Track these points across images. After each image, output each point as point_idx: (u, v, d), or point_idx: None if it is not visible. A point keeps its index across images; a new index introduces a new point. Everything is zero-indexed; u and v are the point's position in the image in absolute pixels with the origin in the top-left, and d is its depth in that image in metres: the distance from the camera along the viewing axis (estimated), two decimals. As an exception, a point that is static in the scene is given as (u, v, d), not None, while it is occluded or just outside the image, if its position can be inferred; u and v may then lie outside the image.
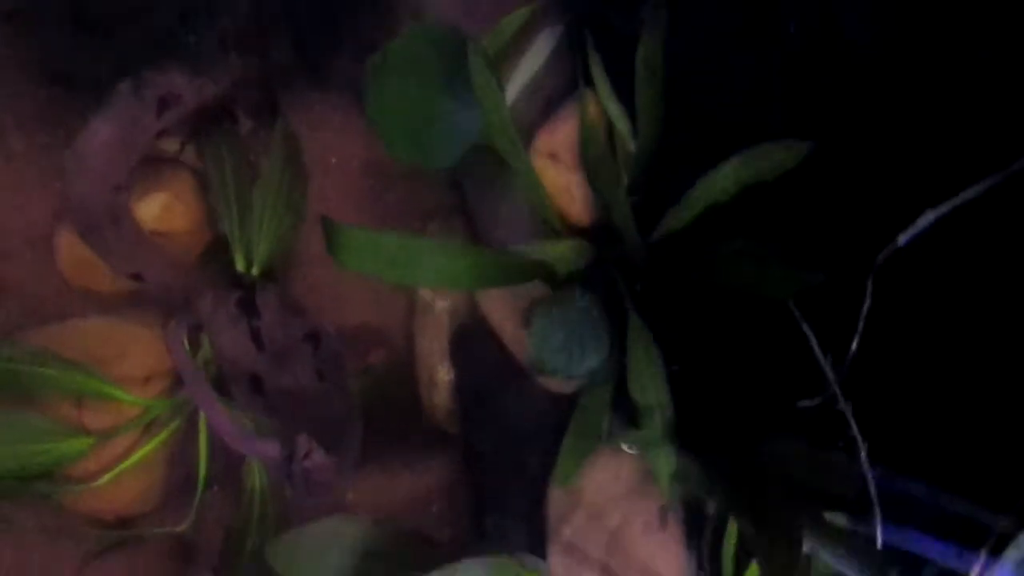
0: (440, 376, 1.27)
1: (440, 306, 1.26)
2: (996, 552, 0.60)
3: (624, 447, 1.07)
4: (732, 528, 0.91)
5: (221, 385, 1.04)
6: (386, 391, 1.25)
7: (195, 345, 1.06)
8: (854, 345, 0.75)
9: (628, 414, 1.04)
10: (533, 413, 1.21)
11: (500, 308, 1.16)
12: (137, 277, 1.02)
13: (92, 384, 1.03)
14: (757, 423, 0.82)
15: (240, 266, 1.07)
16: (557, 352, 1.04)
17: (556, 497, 1.09)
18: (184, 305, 0.99)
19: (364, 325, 1.27)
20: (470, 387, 1.26)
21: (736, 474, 0.79)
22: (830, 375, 0.77)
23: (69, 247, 1.13)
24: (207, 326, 0.99)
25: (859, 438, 0.72)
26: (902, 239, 0.73)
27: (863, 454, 0.72)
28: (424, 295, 1.27)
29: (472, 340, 1.25)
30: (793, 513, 0.69)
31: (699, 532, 1.00)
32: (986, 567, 0.60)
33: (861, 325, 0.74)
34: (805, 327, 0.80)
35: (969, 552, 0.62)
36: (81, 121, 1.01)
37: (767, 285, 0.84)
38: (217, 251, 1.15)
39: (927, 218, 0.72)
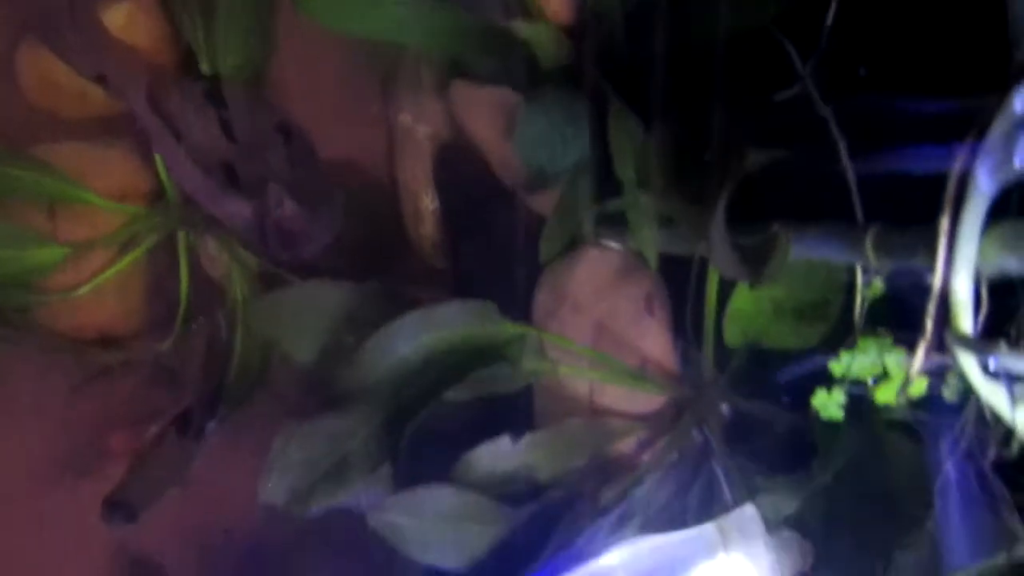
0: (424, 204, 1.25)
1: (421, 131, 1.24)
2: (980, 136, 0.57)
3: (608, 243, 1.05)
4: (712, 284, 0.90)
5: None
6: (369, 219, 1.23)
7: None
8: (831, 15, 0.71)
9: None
10: (521, 234, 1.19)
11: (484, 120, 1.13)
12: (101, 80, 0.99)
13: (66, 189, 1.00)
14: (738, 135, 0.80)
15: (206, 69, 1.04)
16: (541, 146, 1.01)
17: (542, 297, 1.07)
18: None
19: (344, 158, 1.25)
20: (456, 212, 1.24)
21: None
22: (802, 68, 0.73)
23: (32, 66, 1.10)
24: (177, 123, 0.96)
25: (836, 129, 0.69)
26: None
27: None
28: (404, 121, 1.24)
29: (456, 164, 1.22)
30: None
31: (683, 312, 0.98)
32: (971, 153, 0.58)
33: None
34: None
35: (953, 145, 0.59)
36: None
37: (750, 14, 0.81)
38: (184, 69, 1.12)
39: None
